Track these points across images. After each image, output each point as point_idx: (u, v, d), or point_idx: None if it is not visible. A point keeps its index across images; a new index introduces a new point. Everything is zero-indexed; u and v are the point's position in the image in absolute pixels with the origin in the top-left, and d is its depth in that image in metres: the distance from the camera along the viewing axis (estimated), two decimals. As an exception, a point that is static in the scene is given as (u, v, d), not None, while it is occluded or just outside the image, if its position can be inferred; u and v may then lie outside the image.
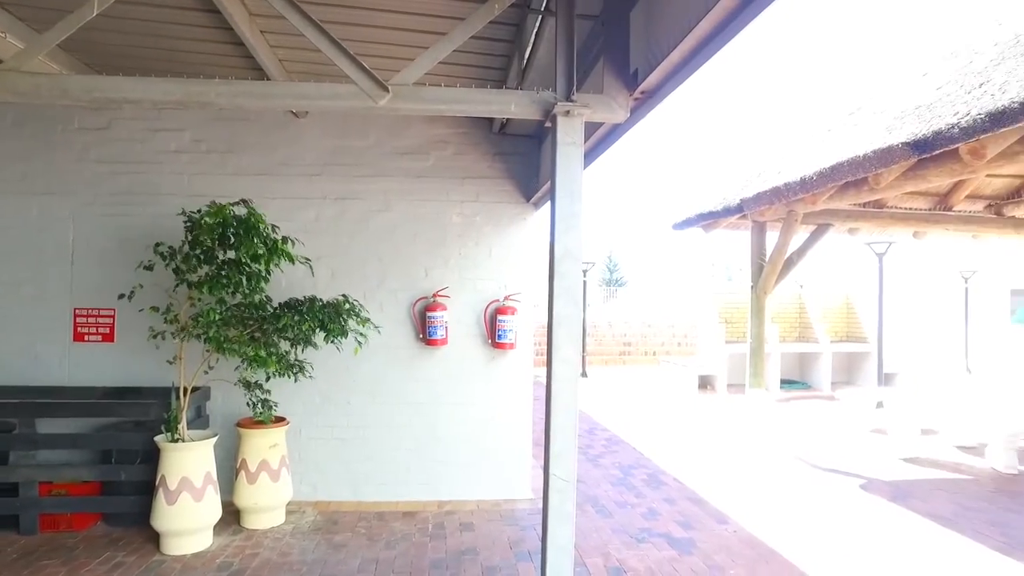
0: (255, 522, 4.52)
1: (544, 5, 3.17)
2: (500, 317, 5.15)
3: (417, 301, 5.15)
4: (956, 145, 3.63)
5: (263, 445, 4.48)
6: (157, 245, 4.22)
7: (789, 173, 5.19)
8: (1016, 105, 3.06)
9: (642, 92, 2.49)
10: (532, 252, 5.34)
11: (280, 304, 4.46)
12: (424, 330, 5.08)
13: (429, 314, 5.05)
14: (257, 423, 4.54)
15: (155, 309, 4.19)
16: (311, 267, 4.61)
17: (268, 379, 4.43)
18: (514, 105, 2.57)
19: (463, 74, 4.35)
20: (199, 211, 4.10)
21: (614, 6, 2.69)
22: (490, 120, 5.13)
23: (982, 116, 3.27)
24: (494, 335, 5.17)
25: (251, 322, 4.29)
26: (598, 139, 3.14)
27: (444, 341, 5.10)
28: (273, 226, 4.30)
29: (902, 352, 19.08)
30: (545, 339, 2.53)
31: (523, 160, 5.28)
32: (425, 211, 5.22)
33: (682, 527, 4.74)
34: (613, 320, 19.95)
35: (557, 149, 2.41)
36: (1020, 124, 3.20)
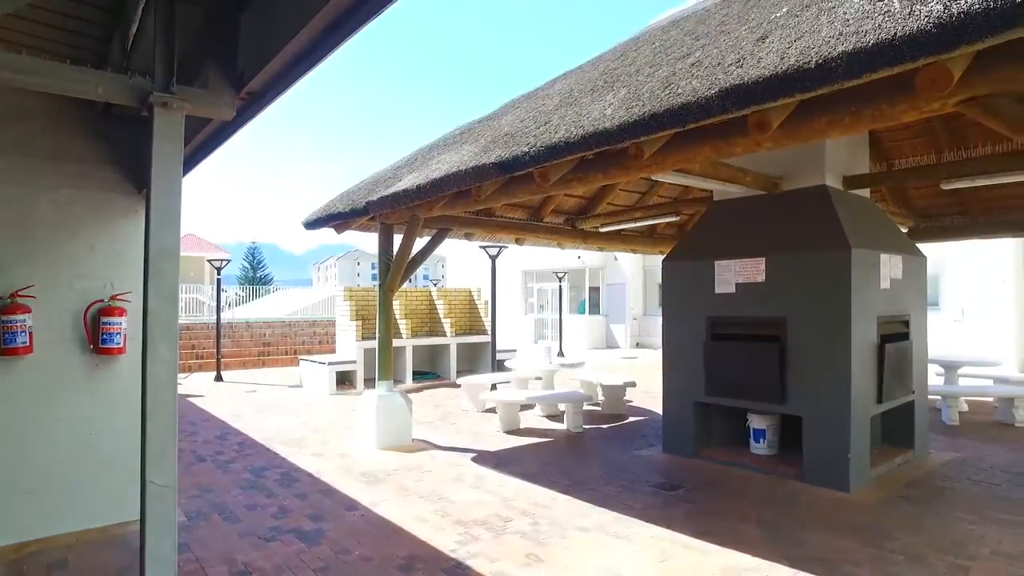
0: None
1: (145, -18, 2.95)
2: (105, 319, 4.57)
3: (-13, 304, 4.25)
4: (530, 169, 4.51)
5: None
6: None
7: (408, 181, 5.73)
8: (562, 143, 3.97)
9: (248, 93, 2.54)
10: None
11: None
12: (-3, 338, 4.22)
13: (5, 318, 4.22)
14: None
15: None
16: None
17: None
18: (102, 88, 2.37)
19: (55, 39, 3.72)
20: None
21: (222, 3, 2.68)
22: (92, 96, 4.49)
23: (543, 148, 4.14)
24: (97, 339, 4.56)
25: None
26: (209, 134, 3.07)
27: (28, 349, 4.31)
28: None
29: (513, 340, 22.20)
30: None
31: (134, 147, 4.74)
32: (2, 195, 4.32)
33: (312, 520, 4.87)
34: (252, 320, 19.06)
35: (154, 142, 2.31)
36: (566, 158, 4.15)
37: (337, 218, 6.97)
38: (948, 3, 2.39)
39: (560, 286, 20.08)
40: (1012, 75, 2.77)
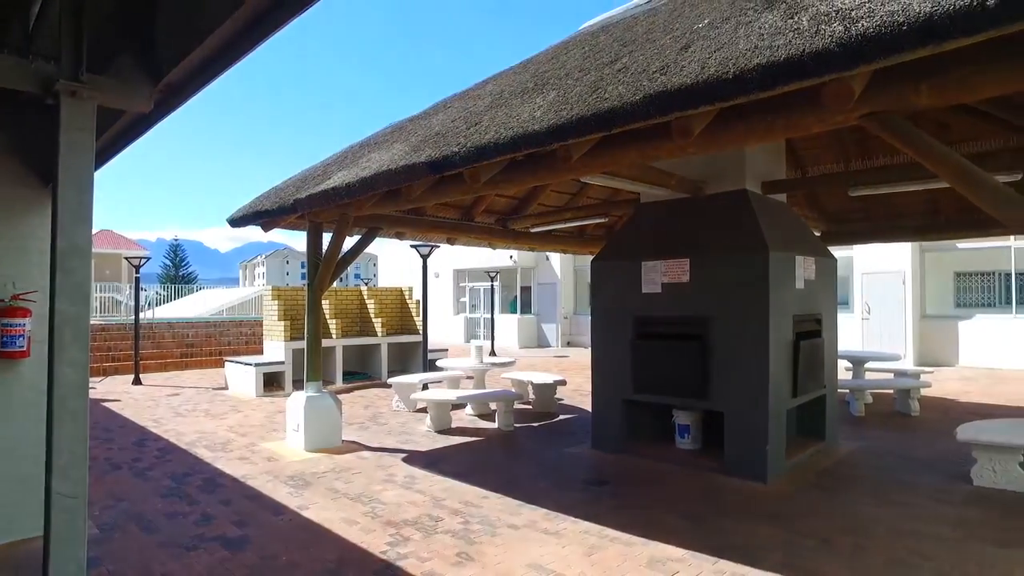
0: None
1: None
2: (6, 321, 4.29)
3: None
4: (460, 169, 4.52)
5: None
6: None
7: (338, 179, 5.64)
8: (492, 144, 4.01)
9: (167, 85, 2.45)
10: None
11: None
12: None
13: None
14: None
15: None
16: None
17: None
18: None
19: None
20: None
21: (139, -8, 2.57)
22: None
23: (472, 149, 4.16)
24: (-4, 343, 4.28)
25: None
26: (125, 126, 2.93)
27: (-84, 354, 4.02)
28: None
29: (444, 339, 22.13)
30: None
31: (38, 135, 4.45)
32: None
33: (237, 526, 4.73)
34: (174, 320, 18.32)
35: (61, 134, 2.18)
36: (496, 159, 4.19)
37: (264, 216, 6.77)
38: (848, 26, 2.58)
39: (492, 285, 20.14)
40: (901, 94, 3.02)
